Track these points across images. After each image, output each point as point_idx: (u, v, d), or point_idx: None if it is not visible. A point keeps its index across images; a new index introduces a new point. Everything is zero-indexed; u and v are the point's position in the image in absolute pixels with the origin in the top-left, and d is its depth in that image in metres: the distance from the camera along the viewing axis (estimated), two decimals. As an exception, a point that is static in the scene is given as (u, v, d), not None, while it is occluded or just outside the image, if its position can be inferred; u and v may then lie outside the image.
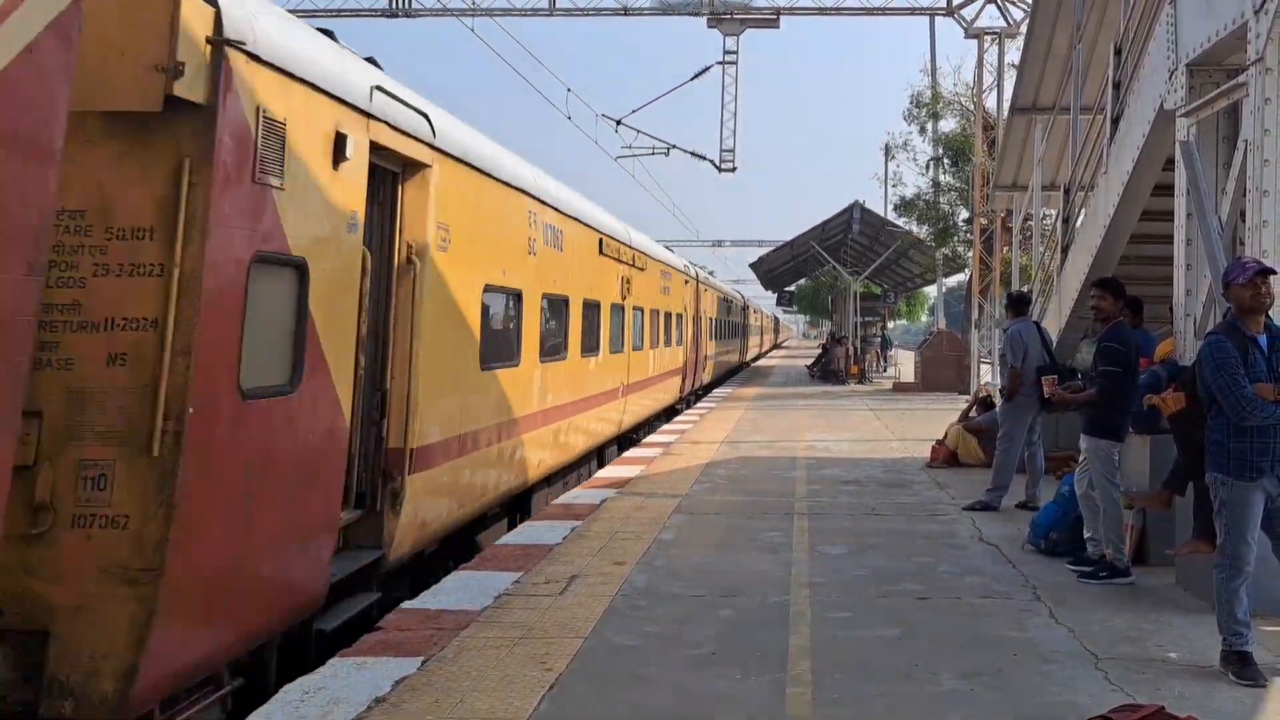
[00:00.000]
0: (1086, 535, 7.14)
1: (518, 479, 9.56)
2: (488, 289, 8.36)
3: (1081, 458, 7.22)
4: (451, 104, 8.82)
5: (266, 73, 4.91)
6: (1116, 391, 6.90)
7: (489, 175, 8.33)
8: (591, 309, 12.54)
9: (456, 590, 6.46)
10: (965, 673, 4.97)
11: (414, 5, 24.64)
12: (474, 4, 23.90)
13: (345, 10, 24.52)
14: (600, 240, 13.00)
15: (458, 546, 8.32)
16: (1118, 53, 9.89)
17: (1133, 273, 10.42)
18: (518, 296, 9.37)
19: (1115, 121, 9.68)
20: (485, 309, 8.44)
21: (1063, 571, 7.01)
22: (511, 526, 9.37)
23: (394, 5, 24.56)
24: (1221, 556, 5.06)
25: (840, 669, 5.02)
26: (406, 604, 6.17)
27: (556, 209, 10.66)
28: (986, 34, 24.11)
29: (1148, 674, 4.97)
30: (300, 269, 5.28)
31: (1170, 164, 7.96)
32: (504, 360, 8.96)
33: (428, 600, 6.24)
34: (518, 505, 10.12)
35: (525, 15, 24.55)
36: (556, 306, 10.91)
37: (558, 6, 24.57)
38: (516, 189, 9.08)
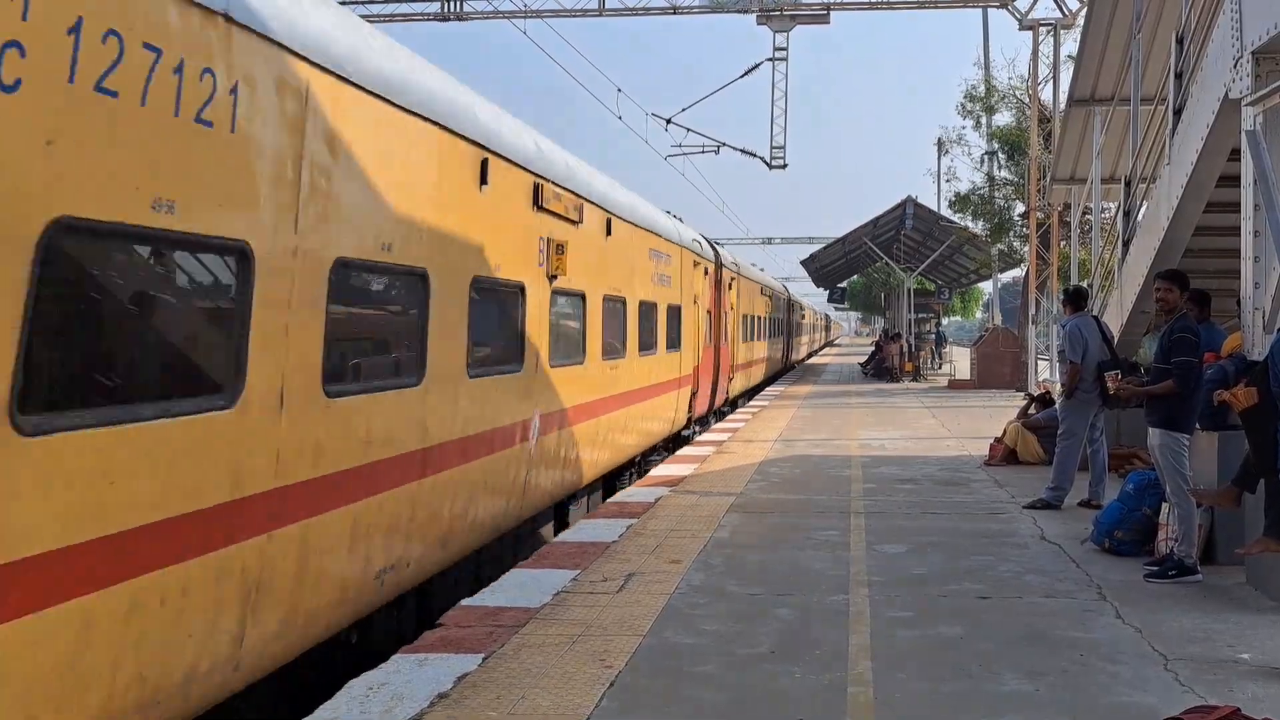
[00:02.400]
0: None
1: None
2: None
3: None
4: (505, 107, 8.62)
5: None
6: (1194, 381, 6.80)
7: None
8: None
9: (515, 587, 6.52)
10: (1029, 673, 4.91)
11: (465, 8, 24.93)
12: (524, 6, 24.10)
13: (398, 15, 24.88)
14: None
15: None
16: (1179, 42, 9.70)
17: (1197, 265, 10.19)
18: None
19: (1178, 112, 9.49)
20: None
21: (1128, 570, 6.88)
22: None
23: (445, 9, 24.87)
24: (1295, 555, 4.94)
25: (901, 668, 4.98)
26: (465, 601, 6.23)
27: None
28: (1041, 25, 23.74)
29: (1220, 675, 4.86)
30: None
31: (1236, 154, 7.78)
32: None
33: (486, 598, 6.31)
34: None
35: (575, 15, 24.73)
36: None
37: (607, 7, 24.69)
38: None
